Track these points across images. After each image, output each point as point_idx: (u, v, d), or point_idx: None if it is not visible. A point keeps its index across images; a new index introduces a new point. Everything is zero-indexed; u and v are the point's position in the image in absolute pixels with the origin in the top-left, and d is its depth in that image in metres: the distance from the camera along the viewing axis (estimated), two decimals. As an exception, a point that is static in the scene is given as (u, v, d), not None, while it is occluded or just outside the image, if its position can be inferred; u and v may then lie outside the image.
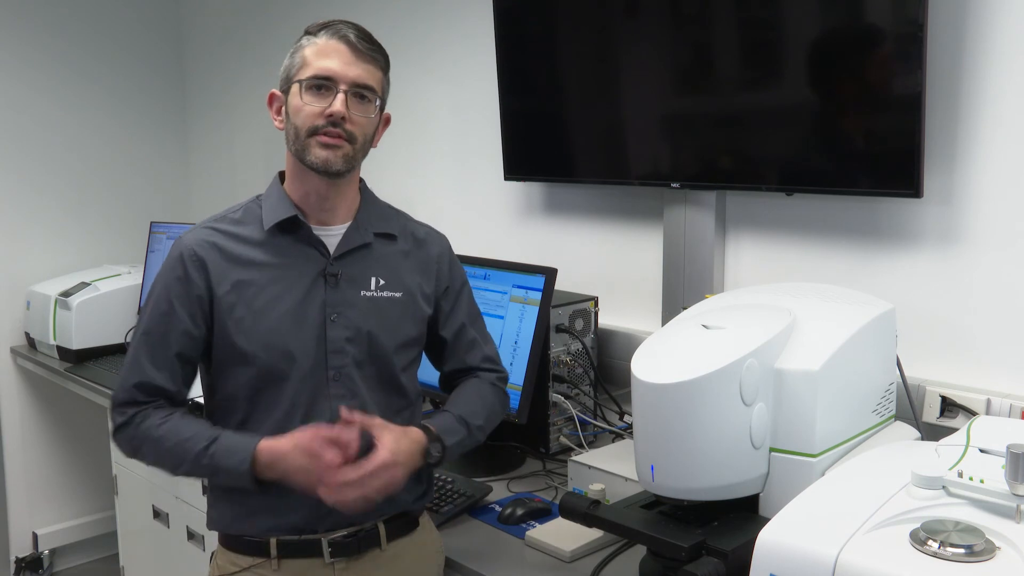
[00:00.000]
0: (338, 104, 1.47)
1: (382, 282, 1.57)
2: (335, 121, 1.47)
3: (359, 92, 1.50)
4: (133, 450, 1.52)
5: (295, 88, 1.50)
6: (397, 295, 1.58)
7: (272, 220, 1.53)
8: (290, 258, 1.53)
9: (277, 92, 1.56)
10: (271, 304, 1.51)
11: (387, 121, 1.60)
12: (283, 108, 1.54)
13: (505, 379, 1.74)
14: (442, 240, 1.70)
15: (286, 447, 1.43)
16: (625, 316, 2.34)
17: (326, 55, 1.49)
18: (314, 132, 1.48)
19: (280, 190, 1.57)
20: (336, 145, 1.49)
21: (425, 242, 1.66)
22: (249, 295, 1.50)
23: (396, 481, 1.45)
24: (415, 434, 1.50)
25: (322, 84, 1.48)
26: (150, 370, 1.50)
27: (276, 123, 1.56)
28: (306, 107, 1.48)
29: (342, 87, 1.48)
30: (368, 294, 1.56)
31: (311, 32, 1.52)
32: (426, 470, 1.59)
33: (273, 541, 1.52)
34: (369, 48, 1.51)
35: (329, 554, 1.53)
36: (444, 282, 1.66)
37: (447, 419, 1.58)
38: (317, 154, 1.48)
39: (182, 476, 1.53)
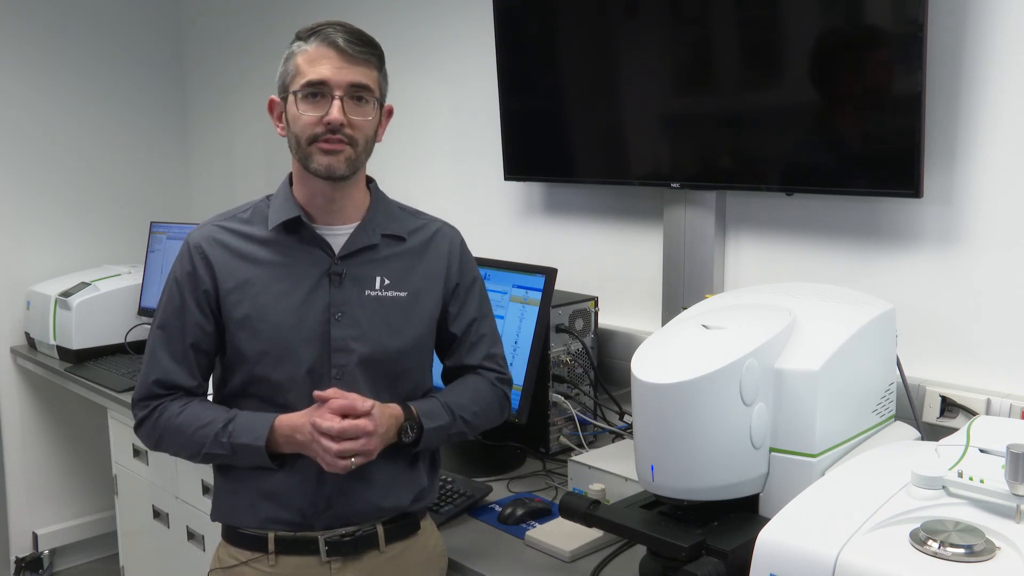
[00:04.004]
0: (335, 112, 1.47)
1: (387, 281, 1.57)
2: (334, 128, 1.48)
3: (355, 95, 1.49)
4: (156, 441, 1.57)
5: (291, 97, 1.50)
6: (402, 295, 1.57)
7: (276, 220, 1.55)
8: (294, 257, 1.54)
9: (276, 99, 1.55)
10: (275, 302, 1.52)
11: (390, 113, 1.60)
12: (283, 115, 1.54)
13: (507, 381, 1.71)
14: (453, 236, 1.68)
15: (303, 417, 1.48)
16: (625, 316, 2.34)
17: (317, 62, 1.48)
18: (314, 140, 1.49)
19: (287, 191, 1.58)
20: (337, 150, 1.49)
21: (434, 241, 1.64)
22: (253, 292, 1.52)
23: (370, 450, 1.46)
24: (394, 410, 1.53)
25: (317, 91, 1.48)
26: (168, 364, 1.54)
27: (279, 130, 1.56)
28: (303, 116, 1.48)
29: (337, 93, 1.47)
30: (372, 293, 1.56)
31: (301, 38, 1.51)
32: (407, 454, 1.58)
33: (271, 536, 1.54)
34: (359, 49, 1.49)
35: (325, 552, 1.54)
36: (454, 279, 1.64)
37: (431, 403, 1.59)
38: (320, 160, 1.49)
39: (204, 462, 1.56)
